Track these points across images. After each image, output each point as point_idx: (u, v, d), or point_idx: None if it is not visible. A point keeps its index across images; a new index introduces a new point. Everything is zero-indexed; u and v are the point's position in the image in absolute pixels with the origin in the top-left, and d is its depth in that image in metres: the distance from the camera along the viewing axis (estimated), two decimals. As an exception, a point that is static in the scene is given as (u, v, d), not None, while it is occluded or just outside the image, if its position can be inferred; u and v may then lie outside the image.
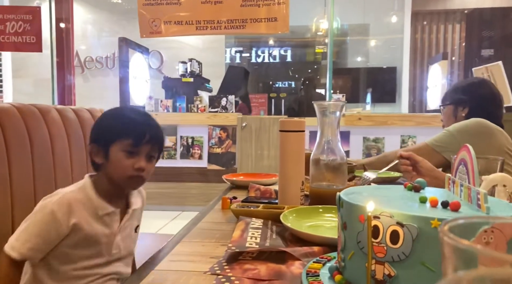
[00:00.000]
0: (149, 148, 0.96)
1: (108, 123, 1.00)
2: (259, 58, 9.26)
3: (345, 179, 1.01)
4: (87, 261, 0.95)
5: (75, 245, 0.93)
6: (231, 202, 1.04)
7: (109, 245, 0.97)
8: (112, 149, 0.95)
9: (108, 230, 0.97)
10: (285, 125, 0.99)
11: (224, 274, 0.61)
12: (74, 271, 0.94)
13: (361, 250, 0.50)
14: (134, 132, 0.94)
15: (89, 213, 0.94)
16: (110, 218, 0.97)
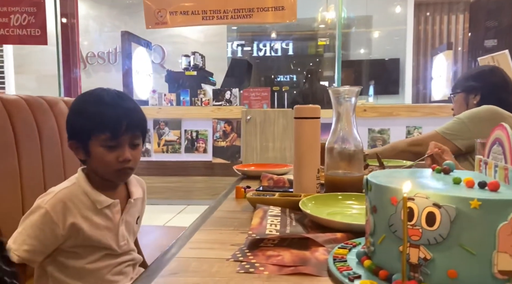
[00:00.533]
0: (130, 136, 0.91)
1: (79, 118, 0.92)
2: (261, 52, 9.22)
3: (361, 167, 0.99)
4: (98, 255, 0.94)
5: (81, 246, 0.91)
6: (245, 191, 1.02)
7: (115, 237, 0.95)
8: (91, 144, 0.90)
9: (111, 223, 0.94)
10: (300, 112, 0.97)
11: (247, 261, 0.59)
12: (88, 264, 0.93)
13: (393, 233, 0.48)
14: (110, 125, 0.88)
15: (88, 208, 0.91)
16: (110, 210, 0.94)
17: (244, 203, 0.97)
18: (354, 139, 0.99)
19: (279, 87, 8.26)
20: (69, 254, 0.92)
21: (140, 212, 1.05)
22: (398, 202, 0.48)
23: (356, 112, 3.66)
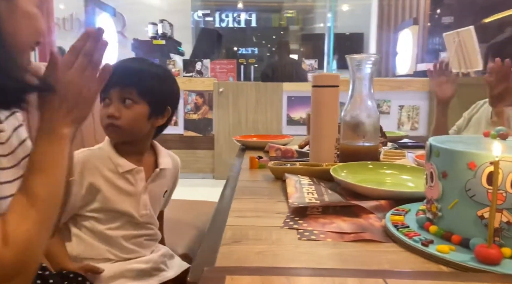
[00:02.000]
0: (119, 90, 0.86)
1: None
2: (223, 23, 9.01)
3: (377, 136, 1.00)
4: (118, 222, 0.90)
5: (101, 210, 0.89)
6: (259, 161, 1.00)
7: (136, 204, 0.91)
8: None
9: (133, 189, 0.91)
10: (319, 80, 0.95)
11: (303, 228, 0.58)
12: (108, 230, 0.90)
13: (471, 198, 0.48)
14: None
15: (110, 170, 0.89)
16: (133, 176, 0.91)
17: (262, 173, 0.95)
18: (370, 108, 0.98)
19: (244, 60, 8.13)
20: (90, 219, 0.90)
21: (168, 186, 1.00)
22: (477, 167, 0.47)
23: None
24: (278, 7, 9.29)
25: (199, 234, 1.43)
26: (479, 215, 0.48)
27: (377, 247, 0.52)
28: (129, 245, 0.92)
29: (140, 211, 0.92)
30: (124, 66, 0.90)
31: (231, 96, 4.14)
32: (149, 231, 0.96)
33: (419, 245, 0.50)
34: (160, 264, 0.97)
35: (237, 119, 4.15)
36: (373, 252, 0.51)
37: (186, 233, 1.39)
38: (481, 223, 0.47)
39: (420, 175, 0.81)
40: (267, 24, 9.62)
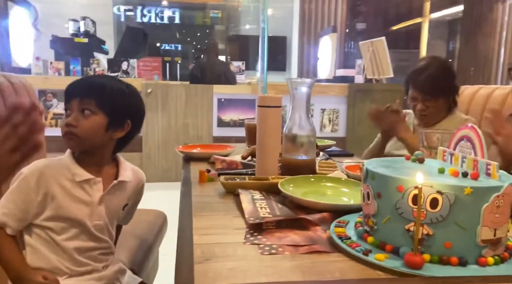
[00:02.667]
0: (79, 101, 0.90)
1: None
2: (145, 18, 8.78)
3: (314, 150, 1.11)
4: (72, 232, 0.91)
5: (55, 218, 0.90)
6: (208, 175, 1.07)
7: (90, 213, 0.93)
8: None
9: (89, 198, 0.93)
10: (264, 101, 1.04)
11: (263, 243, 0.66)
12: (62, 241, 0.91)
13: (400, 215, 0.60)
14: (66, 92, 0.92)
15: (66, 179, 0.91)
16: (90, 186, 0.93)
17: (213, 186, 1.02)
18: (307, 125, 1.10)
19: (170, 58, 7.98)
20: (44, 228, 0.90)
21: (129, 200, 1.01)
22: (405, 190, 0.59)
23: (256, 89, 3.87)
24: (203, 6, 9.26)
25: (140, 243, 1.45)
26: (406, 228, 0.60)
27: (327, 257, 0.62)
28: (82, 258, 0.93)
29: (93, 220, 0.93)
30: (87, 80, 0.95)
31: (160, 97, 4.10)
32: (103, 244, 0.97)
33: (361, 254, 0.61)
34: (114, 280, 1.00)
35: (166, 120, 4.12)
36: (325, 262, 0.61)
37: (127, 242, 1.41)
38: (408, 235, 0.60)
39: (353, 187, 0.94)
40: (191, 21, 9.54)
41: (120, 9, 8.34)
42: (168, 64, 7.39)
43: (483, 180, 0.60)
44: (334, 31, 5.93)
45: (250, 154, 1.32)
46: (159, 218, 1.71)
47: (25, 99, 1.66)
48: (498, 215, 0.57)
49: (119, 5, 8.21)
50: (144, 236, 1.50)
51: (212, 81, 4.47)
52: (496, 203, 0.57)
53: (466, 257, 0.58)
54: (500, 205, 0.57)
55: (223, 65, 5.00)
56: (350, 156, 1.57)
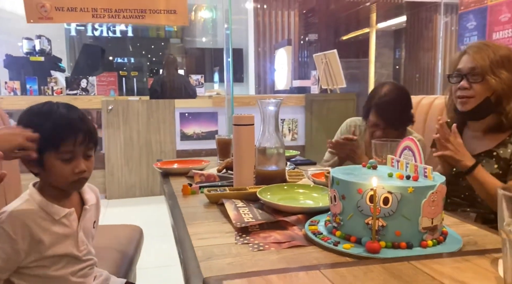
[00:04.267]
0: (84, 148, 0.97)
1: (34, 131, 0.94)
2: (96, 32, 8.67)
3: (284, 161, 1.26)
4: (61, 263, 0.99)
5: (44, 258, 0.96)
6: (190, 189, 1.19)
7: (75, 243, 1.01)
8: (45, 158, 0.94)
9: (70, 230, 1.00)
10: (239, 120, 1.18)
11: (252, 242, 0.80)
12: (53, 272, 0.98)
13: (360, 212, 0.76)
14: (65, 139, 0.93)
15: (46, 220, 0.95)
16: (67, 219, 0.99)
17: (196, 198, 1.14)
18: (276, 139, 1.25)
19: (126, 72, 7.91)
20: (33, 268, 0.95)
21: (96, 217, 1.11)
22: (363, 191, 0.75)
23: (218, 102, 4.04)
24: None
25: (122, 256, 1.53)
26: (366, 222, 0.75)
27: (305, 250, 0.77)
28: (76, 279, 1.02)
29: (80, 248, 1.02)
30: (83, 126, 0.96)
31: (121, 114, 4.13)
32: (90, 262, 1.07)
33: (332, 245, 0.76)
34: None
35: (128, 137, 4.15)
36: (304, 253, 0.75)
37: (110, 256, 1.49)
38: (367, 227, 0.75)
39: (320, 192, 1.09)
40: (144, 34, 9.51)
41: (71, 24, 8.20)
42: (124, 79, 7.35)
43: (421, 180, 0.77)
44: (289, 44, 6.19)
45: (225, 167, 1.45)
46: (136, 232, 1.79)
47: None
48: (434, 207, 0.74)
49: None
50: (124, 249, 1.59)
51: (172, 96, 4.55)
52: (432, 198, 0.74)
53: (412, 242, 0.74)
54: (435, 199, 0.74)
55: (183, 79, 5.09)
56: (313, 164, 1.74)
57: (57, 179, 0.96)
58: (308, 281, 0.60)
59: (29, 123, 0.96)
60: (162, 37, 9.51)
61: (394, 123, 1.68)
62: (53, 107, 0.98)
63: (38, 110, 0.98)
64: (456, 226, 0.89)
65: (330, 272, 0.64)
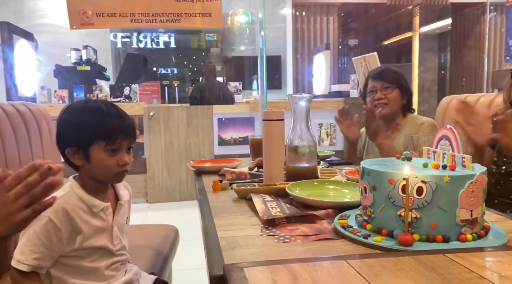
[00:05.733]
0: (127, 141, 1.02)
1: (80, 129, 0.99)
2: (141, 43, 8.98)
3: (315, 158, 1.23)
4: (96, 255, 1.01)
5: (81, 248, 0.98)
6: (220, 184, 1.18)
7: (110, 237, 1.04)
8: (91, 150, 0.98)
9: (106, 223, 1.03)
10: (268, 115, 1.16)
11: (277, 234, 0.77)
12: (87, 263, 1.00)
13: (392, 203, 0.72)
14: (113, 132, 0.98)
15: (85, 212, 0.99)
16: (104, 213, 1.03)
17: (226, 194, 1.13)
18: (308, 136, 1.22)
19: (168, 81, 8.14)
20: (70, 257, 0.98)
21: (128, 213, 1.12)
22: (395, 181, 0.71)
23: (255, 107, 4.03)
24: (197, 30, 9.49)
25: (157, 254, 1.55)
26: (398, 214, 0.71)
27: (333, 243, 0.74)
28: (108, 272, 1.04)
29: (114, 242, 1.04)
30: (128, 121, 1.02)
31: (162, 120, 4.23)
32: (122, 256, 1.08)
33: (361, 238, 0.72)
34: (134, 281, 1.10)
35: (169, 142, 4.24)
36: (331, 246, 0.72)
37: (144, 254, 1.51)
38: (400, 219, 0.71)
39: (352, 188, 1.05)
40: (186, 45, 9.77)
41: (117, 36, 8.56)
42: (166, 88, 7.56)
43: (459, 170, 0.72)
44: (327, 49, 6.12)
45: (256, 165, 1.44)
46: (171, 232, 1.81)
47: (44, 125, 1.78)
48: (473, 198, 0.69)
49: (116, 32, 8.42)
50: (159, 248, 1.60)
51: (211, 102, 4.62)
52: (470, 189, 0.69)
53: (448, 235, 0.69)
54: (474, 190, 0.69)
55: (221, 86, 5.16)
56: (349, 164, 1.69)
57: (101, 171, 1.00)
58: (333, 271, 0.57)
59: (75, 120, 1.00)
60: (203, 48, 9.72)
61: (391, 81, 1.78)
62: (97, 103, 1.02)
63: (83, 107, 1.02)
64: (500, 222, 0.83)
65: (357, 262, 0.60)
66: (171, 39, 9.37)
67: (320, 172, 1.31)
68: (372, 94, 1.82)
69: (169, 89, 7.71)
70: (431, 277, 0.54)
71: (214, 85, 5.05)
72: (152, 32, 9.08)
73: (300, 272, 0.56)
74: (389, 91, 1.78)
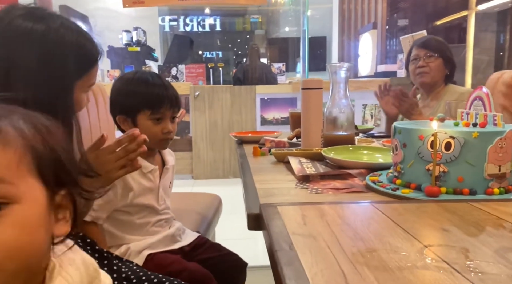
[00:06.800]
0: (171, 111, 1.11)
1: (129, 98, 1.09)
2: (188, 27, 9.15)
3: (353, 127, 1.27)
4: (143, 213, 1.12)
5: (130, 205, 1.10)
6: (260, 150, 1.25)
7: (156, 197, 1.14)
8: (139, 118, 1.09)
9: (153, 184, 1.13)
10: (307, 84, 1.21)
11: (310, 188, 0.83)
12: (136, 219, 1.11)
13: (421, 158, 0.75)
14: (158, 101, 1.07)
15: (136, 172, 1.08)
16: (152, 175, 1.14)
17: (264, 159, 1.20)
18: (345, 105, 1.25)
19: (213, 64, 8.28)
20: (122, 213, 1.10)
21: (172, 178, 1.23)
22: (424, 137, 0.74)
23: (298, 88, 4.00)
24: (243, 12, 9.53)
25: (202, 218, 1.65)
26: (426, 168, 0.75)
27: (363, 195, 0.78)
28: (154, 228, 1.15)
29: (159, 202, 1.15)
30: (172, 90, 1.11)
31: (207, 100, 4.35)
32: (167, 215, 1.19)
33: (390, 191, 0.76)
34: (177, 236, 1.21)
35: (213, 121, 4.37)
36: (361, 197, 0.77)
37: (190, 217, 1.61)
38: (428, 174, 0.74)
39: (386, 153, 1.08)
40: (231, 28, 9.85)
41: (165, 20, 8.78)
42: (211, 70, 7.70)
43: (489, 127, 0.74)
44: (374, 28, 5.98)
45: (295, 136, 1.49)
46: (215, 200, 1.92)
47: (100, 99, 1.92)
48: (502, 154, 0.71)
49: (164, 16, 8.65)
50: (204, 212, 1.71)
51: (254, 83, 4.68)
52: (499, 144, 0.71)
53: (475, 189, 0.72)
54: (503, 146, 0.71)
55: (264, 67, 5.20)
56: (388, 137, 1.70)
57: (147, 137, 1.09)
58: (359, 211, 0.62)
59: (125, 89, 1.10)
60: (248, 30, 9.76)
61: (435, 50, 1.79)
62: (145, 75, 1.12)
63: (132, 77, 1.12)
64: (533, 183, 0.83)
65: (382, 205, 0.65)
66: (216, 22, 9.49)
67: (358, 141, 1.34)
68: (415, 62, 1.83)
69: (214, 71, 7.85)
70: (451, 218, 0.58)
71: (257, 67, 5.10)
72: (198, 15, 9.23)
73: (328, 210, 0.62)
74: (432, 59, 1.79)
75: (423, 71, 1.78)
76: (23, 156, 0.43)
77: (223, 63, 8.39)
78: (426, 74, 1.77)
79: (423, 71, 1.78)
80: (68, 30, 0.83)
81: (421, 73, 1.78)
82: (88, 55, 0.87)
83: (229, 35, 9.89)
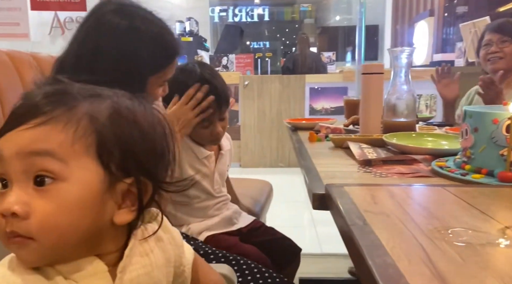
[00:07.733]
0: (218, 112, 1.12)
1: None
2: (236, 17, 9.21)
3: (414, 113, 1.23)
4: (200, 198, 1.16)
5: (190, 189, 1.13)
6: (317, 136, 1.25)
7: (211, 182, 1.17)
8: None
9: (208, 170, 1.17)
10: (367, 68, 1.19)
11: (374, 171, 0.82)
12: (195, 203, 1.16)
13: (494, 143, 0.72)
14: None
15: (193, 158, 1.14)
16: (208, 160, 1.17)
17: (321, 144, 1.20)
18: (407, 91, 1.22)
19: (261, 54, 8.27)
20: (181, 195, 1.14)
21: (229, 161, 1.26)
22: (499, 121, 0.71)
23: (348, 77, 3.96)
24: (292, 1, 9.45)
25: (254, 202, 1.68)
26: (500, 153, 0.71)
27: (430, 180, 0.76)
28: (213, 211, 1.19)
29: (214, 187, 1.18)
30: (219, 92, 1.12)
31: (256, 89, 4.38)
32: (223, 198, 1.22)
33: (459, 176, 0.74)
34: (234, 219, 1.24)
35: (261, 110, 4.39)
36: (428, 180, 0.75)
37: (244, 201, 1.64)
38: (502, 159, 0.71)
39: (452, 140, 1.04)
40: (279, 18, 9.80)
41: (215, 10, 8.89)
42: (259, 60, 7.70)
43: None
44: (431, 15, 5.72)
45: (351, 123, 1.47)
46: (266, 186, 1.94)
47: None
48: None
49: (214, 7, 8.75)
50: (257, 197, 1.74)
51: (303, 72, 4.64)
52: None
53: (555, 175, 0.68)
54: None
55: (314, 56, 5.15)
56: (449, 126, 1.64)
57: (199, 139, 1.16)
58: (430, 193, 0.61)
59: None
60: (296, 20, 9.67)
61: (510, 34, 1.69)
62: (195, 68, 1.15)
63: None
64: None
65: (454, 189, 0.63)
66: (265, 12, 9.48)
67: (419, 128, 1.30)
68: (487, 47, 1.73)
69: (262, 62, 7.86)
70: (531, 203, 0.56)
71: (307, 56, 5.06)
72: (247, 5, 9.26)
73: (397, 191, 0.61)
74: (506, 45, 1.69)
75: (495, 57, 1.68)
76: (83, 137, 0.43)
77: (271, 53, 8.39)
78: (499, 60, 1.68)
79: (496, 57, 1.68)
80: (151, 25, 0.91)
81: (494, 59, 1.68)
82: (167, 51, 0.93)
83: (277, 25, 9.85)
